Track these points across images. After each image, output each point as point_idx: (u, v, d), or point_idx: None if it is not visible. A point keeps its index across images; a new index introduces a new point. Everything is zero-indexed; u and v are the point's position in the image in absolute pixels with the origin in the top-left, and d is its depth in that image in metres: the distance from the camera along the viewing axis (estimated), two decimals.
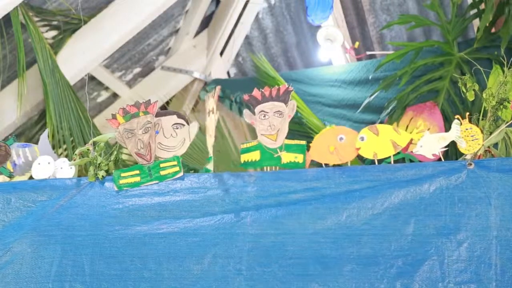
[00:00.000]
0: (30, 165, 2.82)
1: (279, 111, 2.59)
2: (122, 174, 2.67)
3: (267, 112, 2.59)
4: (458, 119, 2.46)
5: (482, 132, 2.45)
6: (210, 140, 2.73)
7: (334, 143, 2.57)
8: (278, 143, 2.59)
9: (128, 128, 2.67)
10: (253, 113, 2.62)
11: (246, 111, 2.62)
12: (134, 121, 2.67)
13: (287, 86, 2.61)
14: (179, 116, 2.73)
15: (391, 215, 2.37)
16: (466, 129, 2.45)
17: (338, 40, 5.55)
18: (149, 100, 2.70)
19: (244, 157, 2.62)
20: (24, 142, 2.91)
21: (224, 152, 4.92)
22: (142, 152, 2.65)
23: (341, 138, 2.56)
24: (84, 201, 2.66)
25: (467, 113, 2.48)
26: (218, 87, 2.80)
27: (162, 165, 2.65)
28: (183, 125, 2.72)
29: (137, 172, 2.66)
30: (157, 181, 2.64)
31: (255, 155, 2.61)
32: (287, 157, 2.59)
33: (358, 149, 2.54)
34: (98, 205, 2.64)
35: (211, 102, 2.72)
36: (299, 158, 2.58)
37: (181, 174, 2.63)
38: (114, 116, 2.69)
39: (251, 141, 2.63)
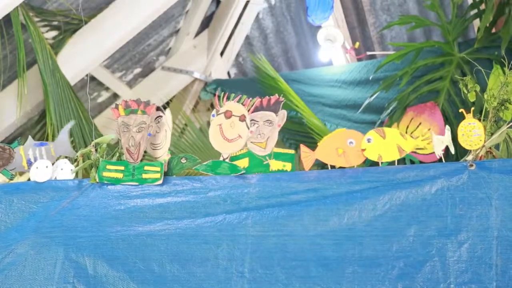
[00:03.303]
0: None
1: (268, 120, 2.64)
2: (108, 166, 2.68)
3: (257, 121, 2.65)
4: (462, 113, 2.46)
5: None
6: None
7: (343, 146, 2.59)
8: (267, 151, 2.64)
9: (125, 122, 2.70)
10: None
11: None
12: (132, 117, 2.69)
13: (278, 96, 2.67)
14: (157, 108, 2.76)
15: (392, 216, 2.37)
16: (469, 123, 2.44)
17: (339, 41, 5.56)
18: (149, 101, 2.72)
19: None
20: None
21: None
22: (132, 150, 2.67)
23: (350, 142, 2.59)
24: (86, 203, 2.66)
25: (472, 108, 2.48)
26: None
27: (146, 167, 2.67)
28: (161, 116, 2.74)
29: (122, 168, 2.67)
30: (137, 183, 2.65)
31: (244, 162, 2.64)
32: (275, 165, 2.63)
33: (363, 150, 2.55)
34: (100, 206, 2.64)
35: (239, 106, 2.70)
36: (287, 166, 2.63)
37: (160, 182, 2.63)
38: (117, 107, 2.72)
39: (241, 149, 2.66)
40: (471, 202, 2.32)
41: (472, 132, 2.42)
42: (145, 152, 2.71)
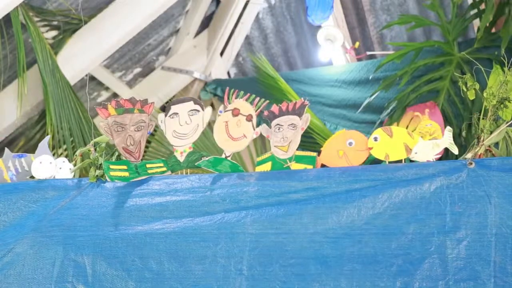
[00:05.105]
0: (28, 175, 2.81)
1: (292, 123, 2.64)
2: (111, 166, 2.68)
3: (282, 125, 2.64)
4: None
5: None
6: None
7: (343, 148, 2.59)
8: (289, 154, 2.63)
9: (119, 121, 2.67)
10: (270, 127, 2.67)
11: (263, 126, 2.67)
12: (127, 116, 2.67)
13: (303, 100, 2.66)
14: (196, 102, 2.74)
15: (391, 215, 2.37)
16: (426, 125, 2.47)
17: (338, 40, 5.56)
18: (147, 99, 2.71)
19: (258, 169, 2.66)
20: (22, 148, 2.89)
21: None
22: (131, 149, 2.66)
23: (350, 143, 2.59)
24: (85, 202, 2.66)
25: (435, 103, 2.50)
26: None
27: (148, 165, 2.68)
28: (198, 111, 2.72)
29: (125, 167, 2.67)
30: (146, 176, 2.65)
31: (267, 167, 2.64)
32: (296, 168, 2.62)
33: (370, 148, 2.55)
34: (99, 206, 2.64)
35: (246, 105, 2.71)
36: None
37: (169, 173, 2.66)
38: (105, 106, 2.69)
39: (265, 154, 2.67)
40: (470, 200, 2.31)
41: (429, 136, 2.46)
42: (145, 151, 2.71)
